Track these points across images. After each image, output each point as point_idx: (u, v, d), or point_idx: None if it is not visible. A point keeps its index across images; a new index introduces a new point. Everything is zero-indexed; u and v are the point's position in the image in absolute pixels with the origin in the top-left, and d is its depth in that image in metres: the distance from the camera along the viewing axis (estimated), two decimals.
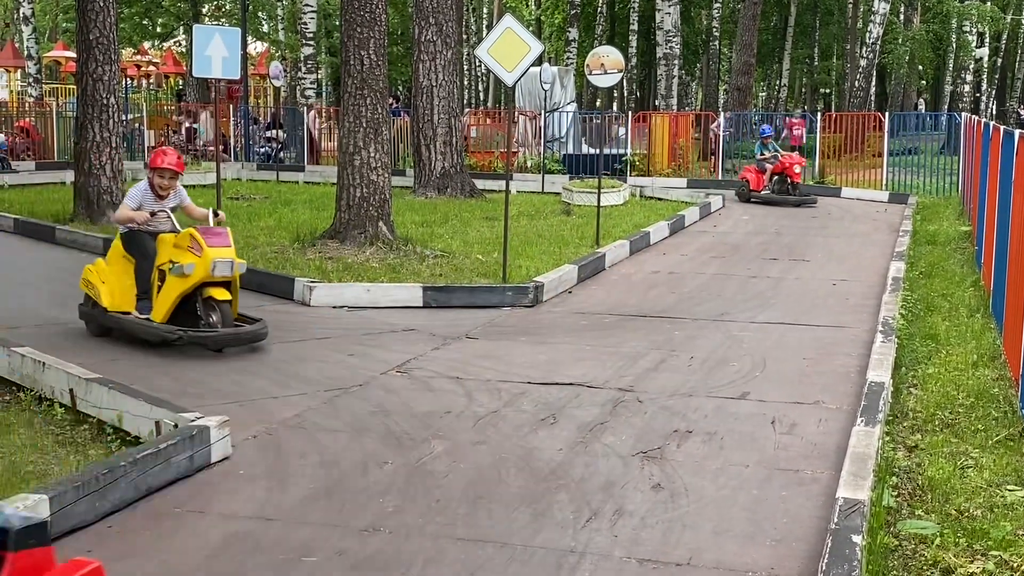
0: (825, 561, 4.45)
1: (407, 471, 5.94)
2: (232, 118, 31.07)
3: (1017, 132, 8.96)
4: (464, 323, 9.99)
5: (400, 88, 48.36)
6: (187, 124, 31.52)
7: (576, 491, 5.63)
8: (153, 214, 8.80)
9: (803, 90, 60.27)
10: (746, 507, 5.43)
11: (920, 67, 46.90)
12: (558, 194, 21.27)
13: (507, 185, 12.01)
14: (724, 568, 4.72)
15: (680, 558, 4.82)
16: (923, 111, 49.52)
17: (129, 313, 8.77)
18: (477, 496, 5.57)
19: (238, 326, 8.67)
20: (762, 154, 21.73)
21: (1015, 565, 4.70)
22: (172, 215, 8.95)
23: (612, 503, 5.46)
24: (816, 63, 52.52)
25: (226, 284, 8.54)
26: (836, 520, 4.78)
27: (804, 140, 29.68)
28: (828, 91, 58.57)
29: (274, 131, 30.19)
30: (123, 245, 8.94)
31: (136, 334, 8.72)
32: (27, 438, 6.21)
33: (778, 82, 52.96)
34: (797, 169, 21.39)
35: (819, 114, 27.88)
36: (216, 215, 8.93)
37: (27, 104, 34.59)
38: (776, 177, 21.47)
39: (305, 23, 33.03)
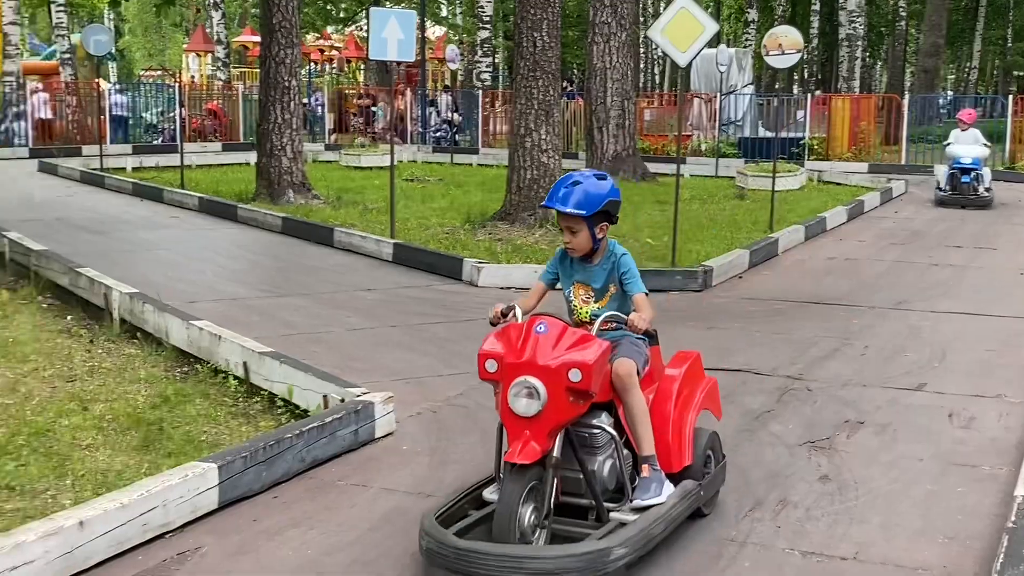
0: (1000, 561, 4.22)
1: None
2: (409, 100, 31.59)
3: None
4: None
5: (575, 71, 48.32)
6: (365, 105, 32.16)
7: (739, 480, 5.49)
8: None
9: (995, 72, 57.79)
10: (918, 502, 5.20)
11: None
12: (732, 178, 20.89)
13: (678, 168, 11.85)
14: (892, 564, 4.53)
15: (846, 552, 4.64)
16: None
17: None
18: None
19: None
20: None
21: None
22: None
23: (776, 493, 5.31)
24: (1010, 44, 50.24)
25: None
26: (1014, 519, 4.53)
27: None
28: (1022, 74, 55.99)
29: (450, 114, 30.57)
30: None
31: None
32: (202, 409, 6.40)
33: (968, 64, 50.91)
34: None
35: (1010, 97, 26.63)
36: None
37: (216, 87, 35.99)
38: None
39: (482, 6, 33.37)
